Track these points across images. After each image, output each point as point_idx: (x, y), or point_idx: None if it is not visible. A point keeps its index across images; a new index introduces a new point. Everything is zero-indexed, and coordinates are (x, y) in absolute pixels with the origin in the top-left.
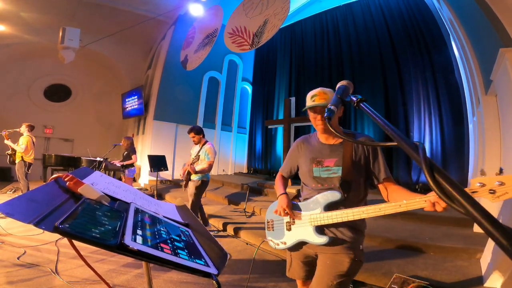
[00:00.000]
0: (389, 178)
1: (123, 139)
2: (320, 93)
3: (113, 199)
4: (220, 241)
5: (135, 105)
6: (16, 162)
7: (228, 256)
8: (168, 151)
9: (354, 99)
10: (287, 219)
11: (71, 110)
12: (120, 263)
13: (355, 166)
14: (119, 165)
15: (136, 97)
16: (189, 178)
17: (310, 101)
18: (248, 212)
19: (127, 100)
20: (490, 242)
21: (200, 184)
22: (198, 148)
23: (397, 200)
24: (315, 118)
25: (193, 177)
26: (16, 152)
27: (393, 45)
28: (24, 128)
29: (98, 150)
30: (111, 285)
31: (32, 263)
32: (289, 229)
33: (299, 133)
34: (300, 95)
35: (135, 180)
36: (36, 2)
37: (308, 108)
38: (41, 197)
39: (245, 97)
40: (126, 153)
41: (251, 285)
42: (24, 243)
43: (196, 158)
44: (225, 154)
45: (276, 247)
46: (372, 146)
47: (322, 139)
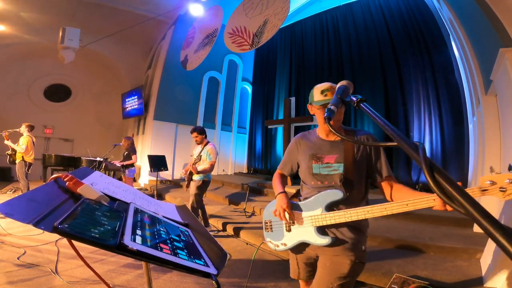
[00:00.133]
0: (391, 177)
1: (123, 139)
2: (331, 88)
3: (112, 199)
4: (220, 241)
5: (135, 105)
6: (17, 162)
7: (228, 256)
8: (168, 151)
9: (354, 99)
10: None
11: (71, 110)
12: (120, 264)
13: (356, 163)
14: (119, 165)
15: (136, 97)
16: (191, 178)
17: (321, 96)
18: (248, 212)
19: (127, 100)
20: (490, 242)
21: (201, 184)
22: (200, 148)
23: (401, 200)
24: (323, 114)
25: (194, 177)
26: (16, 152)
27: (393, 45)
28: (24, 128)
29: (98, 150)
30: (111, 286)
31: (32, 263)
32: (289, 230)
33: (299, 133)
34: (300, 95)
35: (135, 180)
36: (36, 2)
37: (317, 103)
38: (40, 197)
39: (245, 97)
40: (126, 153)
41: (251, 285)
42: (24, 243)
43: (198, 158)
44: (225, 154)
45: (276, 248)
46: (371, 145)
47: (322, 135)
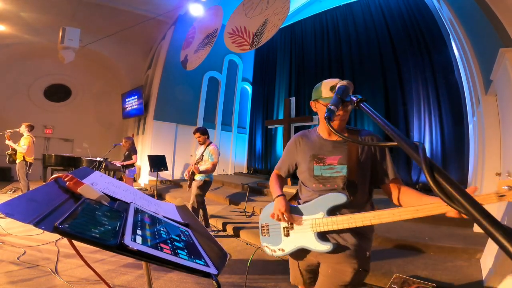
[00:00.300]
0: (397, 179)
1: (124, 140)
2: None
3: (113, 199)
4: (220, 241)
5: (135, 105)
6: (17, 162)
7: (228, 256)
8: (168, 151)
9: (354, 99)
10: (284, 224)
11: (71, 110)
12: (120, 263)
13: (361, 165)
14: (119, 165)
15: (136, 97)
16: (193, 178)
17: (330, 93)
18: (248, 212)
19: (127, 100)
20: (490, 242)
21: (202, 184)
22: (202, 148)
23: (410, 204)
24: None
25: (196, 177)
26: (16, 152)
27: (393, 45)
28: (24, 128)
29: (98, 150)
30: (111, 286)
31: (32, 263)
32: (287, 235)
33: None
34: (300, 95)
35: (135, 180)
36: (36, 2)
37: (326, 100)
38: (41, 197)
39: (245, 97)
40: (127, 153)
41: (251, 285)
42: (24, 243)
43: (200, 158)
44: (225, 154)
45: (273, 254)
46: (372, 146)
47: (323, 134)
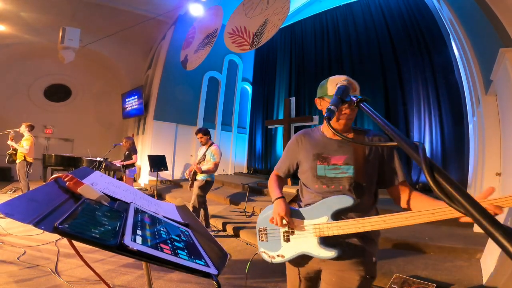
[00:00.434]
0: (406, 182)
1: (124, 140)
2: (351, 82)
3: (113, 199)
4: (220, 241)
5: (135, 105)
6: (18, 162)
7: (228, 256)
8: (168, 151)
9: (354, 99)
10: (284, 228)
11: (71, 110)
12: (120, 263)
13: (368, 165)
14: (119, 165)
15: (136, 97)
16: (195, 178)
17: None
18: (248, 212)
19: (127, 100)
20: (490, 242)
21: (204, 184)
22: (204, 149)
23: (420, 209)
24: (341, 111)
25: (198, 177)
26: (17, 151)
27: (393, 45)
28: (24, 128)
29: (98, 150)
30: (111, 286)
31: (32, 263)
32: (287, 240)
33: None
34: (300, 95)
35: (135, 180)
36: (36, 2)
37: (331, 98)
38: (41, 197)
39: (245, 97)
40: (127, 153)
41: (251, 285)
42: (24, 243)
43: (202, 158)
44: (225, 154)
45: (272, 260)
46: (372, 146)
47: (328, 133)
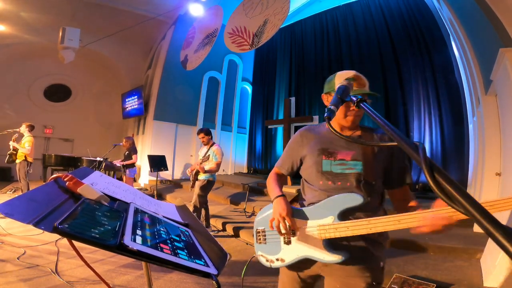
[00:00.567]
0: (409, 185)
1: (124, 140)
2: (357, 77)
3: (112, 199)
4: (220, 241)
5: (135, 105)
6: (18, 162)
7: (228, 256)
8: (168, 151)
9: (354, 99)
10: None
11: (71, 110)
12: (120, 264)
13: (377, 162)
14: (119, 164)
15: (136, 97)
16: (197, 178)
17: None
18: (248, 212)
19: (127, 100)
20: (490, 242)
21: (206, 183)
22: (206, 149)
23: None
24: (348, 107)
25: (199, 176)
26: (17, 151)
27: (393, 45)
28: (24, 128)
29: (98, 150)
30: (111, 286)
31: (32, 263)
32: (287, 243)
33: None
34: (300, 95)
35: (135, 180)
36: (36, 2)
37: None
38: (40, 197)
39: (245, 97)
40: (127, 153)
41: (250, 286)
42: (24, 243)
43: (206, 157)
44: (225, 154)
45: (271, 265)
46: (373, 145)
47: (335, 128)
